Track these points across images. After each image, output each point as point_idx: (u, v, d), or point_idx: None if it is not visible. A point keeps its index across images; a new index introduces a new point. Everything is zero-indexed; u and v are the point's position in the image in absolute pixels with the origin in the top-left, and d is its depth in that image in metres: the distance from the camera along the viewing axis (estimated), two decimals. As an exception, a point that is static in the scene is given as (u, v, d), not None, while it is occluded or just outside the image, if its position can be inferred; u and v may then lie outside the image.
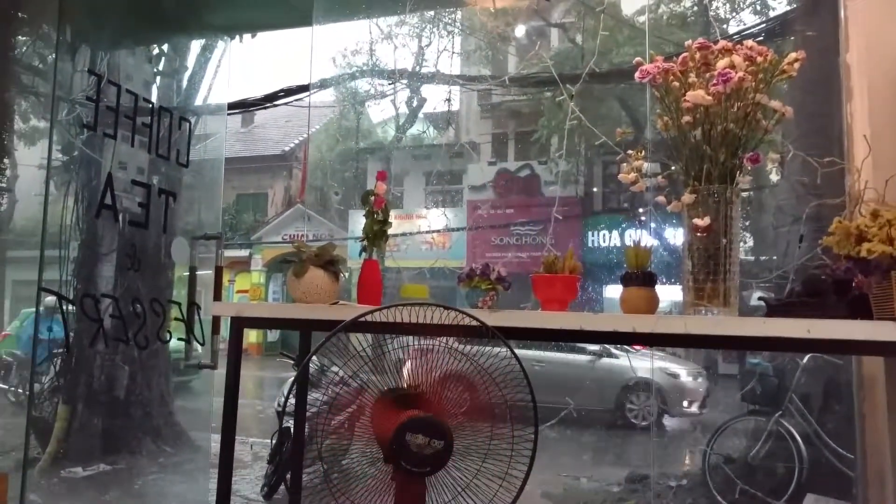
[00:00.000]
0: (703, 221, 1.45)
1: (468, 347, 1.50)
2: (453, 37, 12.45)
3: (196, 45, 6.05)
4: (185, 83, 6.02)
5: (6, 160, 3.14)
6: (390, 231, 1.90)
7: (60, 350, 5.35)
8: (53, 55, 4.22)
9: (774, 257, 4.95)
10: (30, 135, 6.62)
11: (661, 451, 6.78)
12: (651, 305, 1.55)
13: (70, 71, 4.10)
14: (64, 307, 2.91)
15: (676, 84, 1.52)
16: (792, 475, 4.48)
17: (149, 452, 6.00)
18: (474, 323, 1.41)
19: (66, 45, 3.88)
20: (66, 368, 5.75)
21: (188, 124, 3.40)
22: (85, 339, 4.72)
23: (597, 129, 4.42)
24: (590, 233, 12.97)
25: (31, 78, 5.05)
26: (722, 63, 1.46)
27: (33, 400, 5.33)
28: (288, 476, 3.25)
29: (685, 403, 7.89)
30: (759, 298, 1.55)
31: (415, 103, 15.06)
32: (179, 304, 3.13)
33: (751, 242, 8.22)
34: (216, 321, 2.97)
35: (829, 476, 4.12)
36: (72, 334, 4.70)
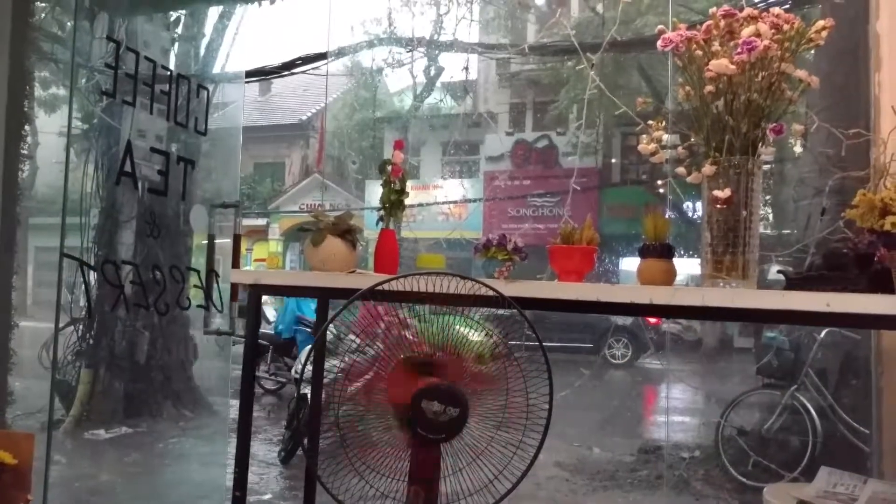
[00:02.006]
0: (723, 193, 1.43)
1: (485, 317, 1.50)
2: (472, 4, 12.26)
3: (214, 12, 6.02)
4: (202, 50, 6.01)
5: (27, 127, 3.15)
6: (407, 201, 1.90)
7: (83, 315, 5.44)
8: (72, 21, 4.21)
9: (794, 231, 4.90)
10: (50, 102, 6.65)
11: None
12: (668, 277, 1.55)
13: (89, 38, 4.10)
14: (85, 273, 2.95)
15: (699, 53, 1.50)
16: (806, 448, 4.49)
17: (169, 416, 6.13)
18: (491, 293, 1.41)
19: (85, 11, 3.87)
20: (88, 333, 5.86)
21: (206, 92, 3.40)
22: (106, 305, 4.80)
23: (617, 98, 4.37)
24: (607, 204, 12.89)
25: (50, 45, 5.06)
26: (747, 31, 1.43)
27: (57, 363, 5.44)
28: (305, 441, 3.31)
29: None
30: (779, 271, 1.53)
31: (432, 72, 14.93)
32: (198, 272, 3.16)
33: (771, 216, 8.12)
34: (234, 288, 3.00)
35: (843, 450, 4.12)
36: (93, 300, 4.77)
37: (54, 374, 5.22)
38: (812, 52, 1.51)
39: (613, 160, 13.69)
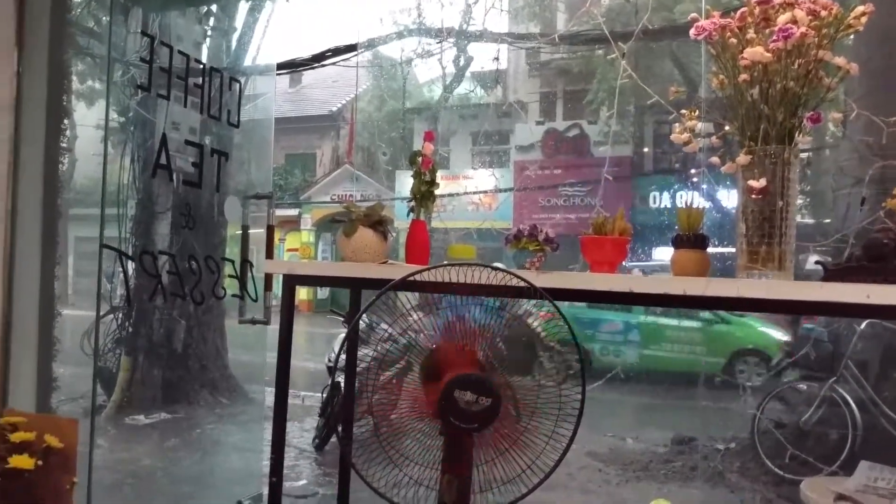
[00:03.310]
0: (758, 183, 1.41)
1: (516, 308, 1.51)
2: (502, -7, 12.17)
3: (244, 6, 6.08)
4: (234, 43, 6.07)
5: (66, 121, 3.23)
6: (437, 192, 1.90)
7: (122, 304, 5.58)
8: (108, 17, 4.29)
9: (829, 220, 4.80)
10: (87, 95, 6.79)
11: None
12: (702, 268, 1.53)
13: (124, 32, 4.17)
14: (124, 263, 3.02)
15: (734, 41, 1.47)
16: (845, 442, 4.42)
17: (206, 403, 6.26)
18: (522, 284, 1.42)
19: (120, 6, 3.94)
20: (128, 322, 6.00)
21: (238, 85, 3.44)
22: (144, 295, 4.90)
23: (649, 87, 4.31)
24: (640, 194, 12.75)
25: (86, 40, 5.16)
26: (783, 18, 1.40)
27: (99, 351, 5.58)
28: (339, 428, 3.36)
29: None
30: (817, 262, 1.51)
31: (462, 62, 14.88)
32: (233, 262, 3.21)
33: (809, 204, 7.96)
34: (268, 278, 3.04)
35: (884, 444, 4.05)
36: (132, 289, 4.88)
37: (96, 362, 5.36)
38: (851, 37, 1.47)
39: (646, 149, 13.53)
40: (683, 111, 1.59)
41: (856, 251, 1.46)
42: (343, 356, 1.98)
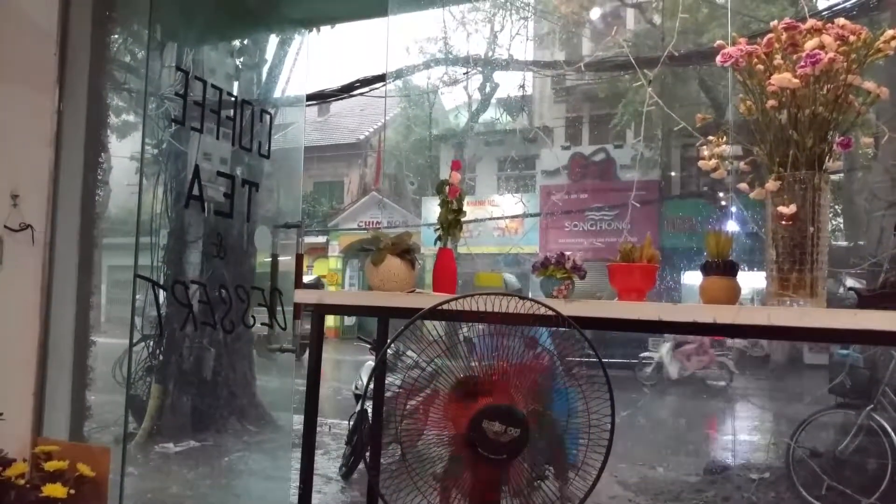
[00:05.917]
0: (788, 209, 1.40)
1: (543, 336, 1.50)
2: (526, 21, 12.31)
3: (274, 39, 6.21)
4: (265, 76, 6.21)
5: (103, 155, 3.32)
6: (463, 218, 1.91)
7: (153, 333, 5.65)
8: (144, 53, 4.42)
9: (864, 243, 4.71)
10: (122, 128, 6.95)
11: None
12: (732, 295, 1.51)
13: (158, 67, 4.29)
14: (156, 293, 3.07)
15: (761, 67, 1.47)
16: (884, 472, 4.28)
17: (234, 431, 6.29)
18: (549, 313, 1.41)
19: (156, 42, 4.06)
20: (158, 350, 6.08)
21: (269, 116, 3.51)
22: (175, 323, 4.97)
23: (676, 111, 4.31)
24: (667, 218, 12.65)
25: (123, 75, 5.32)
26: (811, 44, 1.39)
27: (130, 379, 5.65)
28: (367, 456, 3.35)
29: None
30: (850, 289, 1.48)
31: (487, 89, 15.02)
32: (262, 290, 3.25)
33: (842, 226, 7.83)
34: (297, 307, 3.07)
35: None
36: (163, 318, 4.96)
37: (129, 391, 5.43)
38: (881, 60, 1.46)
39: (673, 173, 13.44)
40: (711, 137, 1.59)
41: (890, 277, 1.43)
42: (371, 386, 1.98)
